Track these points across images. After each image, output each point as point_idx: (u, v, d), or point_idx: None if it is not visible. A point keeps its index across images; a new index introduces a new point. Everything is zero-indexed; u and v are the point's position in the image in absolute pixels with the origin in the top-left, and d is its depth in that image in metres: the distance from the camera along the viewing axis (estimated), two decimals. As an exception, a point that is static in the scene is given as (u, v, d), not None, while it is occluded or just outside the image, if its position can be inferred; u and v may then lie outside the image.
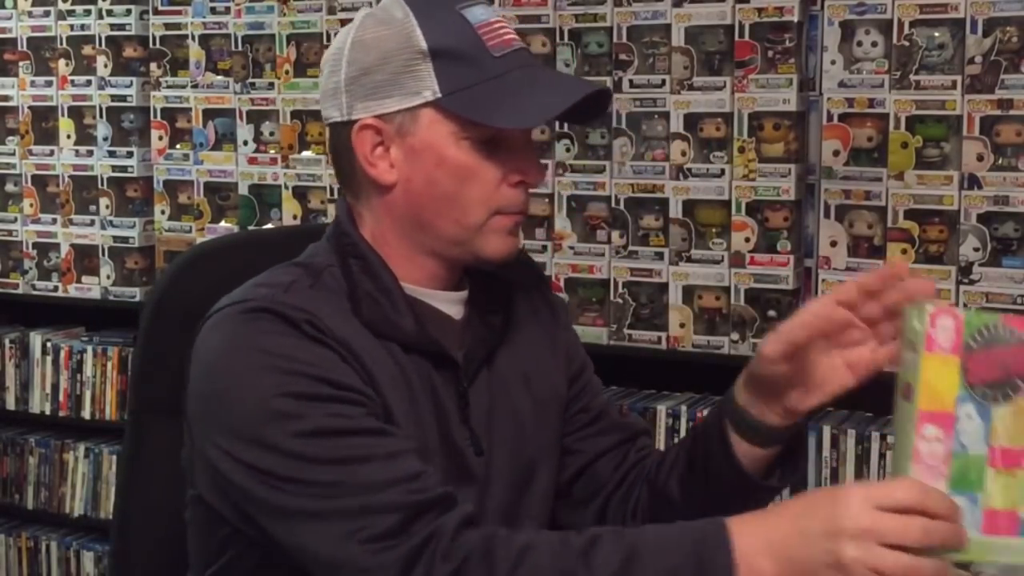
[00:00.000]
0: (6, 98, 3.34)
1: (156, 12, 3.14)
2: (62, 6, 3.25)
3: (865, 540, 0.99)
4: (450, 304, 1.29)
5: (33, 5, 3.29)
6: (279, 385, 1.13)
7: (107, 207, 3.21)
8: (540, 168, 1.27)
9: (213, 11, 3.07)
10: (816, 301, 1.19)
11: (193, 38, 3.09)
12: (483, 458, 1.27)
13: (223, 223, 3.09)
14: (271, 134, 3.03)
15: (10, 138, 3.36)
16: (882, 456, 2.47)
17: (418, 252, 1.26)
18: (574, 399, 1.43)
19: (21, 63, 3.31)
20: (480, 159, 1.21)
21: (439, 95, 1.20)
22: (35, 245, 3.32)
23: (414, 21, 1.21)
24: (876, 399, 2.58)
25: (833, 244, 2.51)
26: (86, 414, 3.25)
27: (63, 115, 3.26)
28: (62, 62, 3.25)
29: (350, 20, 1.29)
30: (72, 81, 3.24)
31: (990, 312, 1.06)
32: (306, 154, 2.97)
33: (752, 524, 1.06)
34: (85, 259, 3.25)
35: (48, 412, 3.31)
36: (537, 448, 1.35)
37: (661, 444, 2.65)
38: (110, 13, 3.19)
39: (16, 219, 3.34)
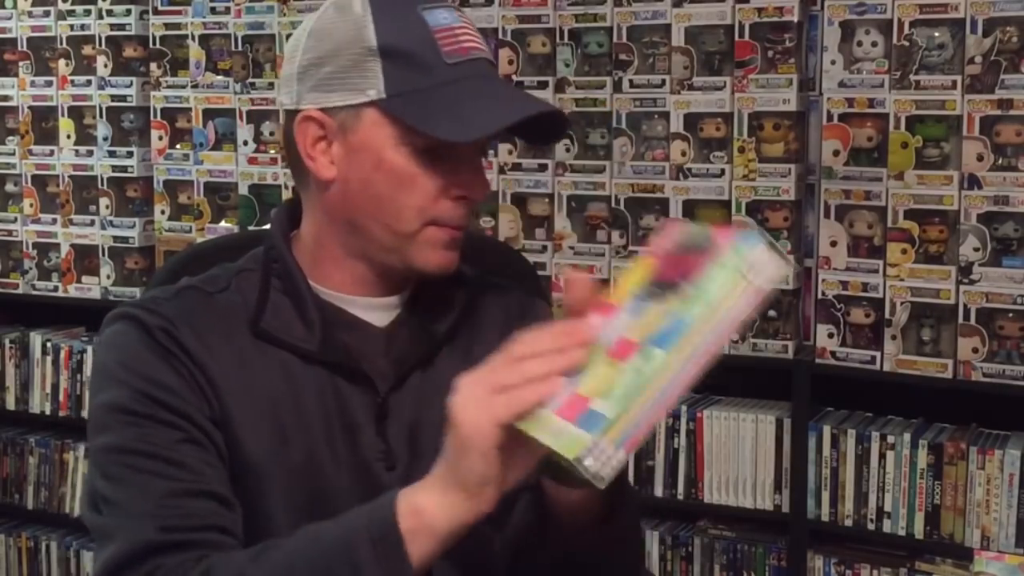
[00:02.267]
0: (6, 98, 3.34)
1: (156, 12, 3.14)
2: (62, 6, 3.25)
3: (470, 411, 0.97)
4: (372, 311, 1.24)
5: (33, 5, 3.29)
6: (107, 394, 1.15)
7: (107, 207, 3.21)
8: (484, 184, 1.22)
9: (213, 11, 3.07)
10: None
11: (193, 38, 3.09)
12: (396, 473, 1.19)
13: (223, 223, 3.09)
14: (271, 134, 3.03)
15: (10, 138, 3.36)
16: (882, 456, 2.47)
17: (349, 254, 1.22)
18: None
19: (21, 63, 3.31)
20: (419, 167, 1.17)
21: (383, 95, 1.16)
22: (35, 245, 3.32)
23: (370, 17, 1.17)
24: (876, 399, 2.60)
25: (833, 244, 2.51)
26: (86, 414, 3.24)
27: (63, 115, 3.26)
28: (62, 62, 3.25)
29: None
30: (72, 81, 3.24)
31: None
32: (306, 154, 2.96)
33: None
34: (85, 259, 3.25)
35: (48, 412, 3.31)
36: None
37: (661, 444, 2.65)
38: (110, 13, 3.19)
39: (16, 219, 3.34)
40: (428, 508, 1.00)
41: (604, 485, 0.94)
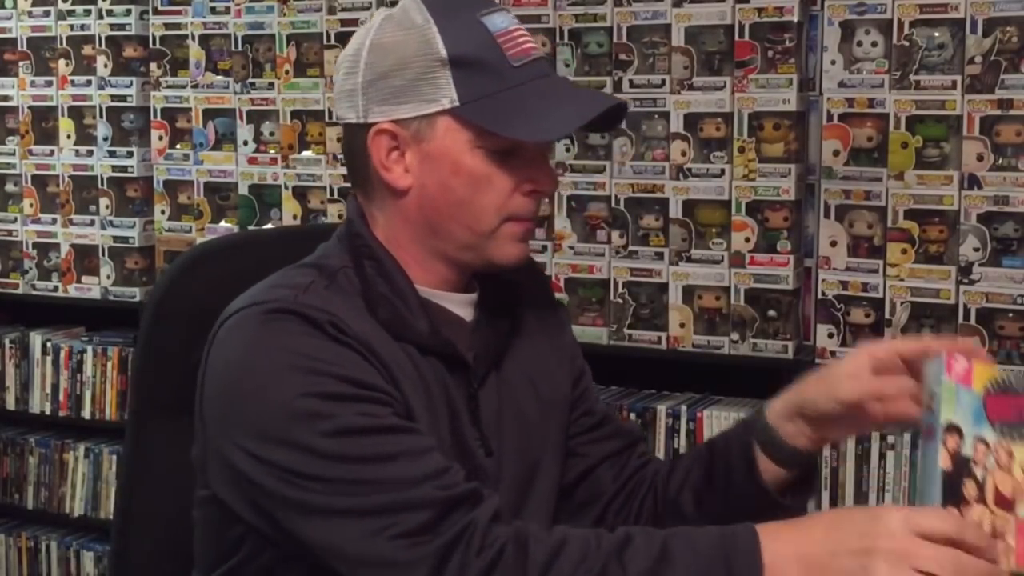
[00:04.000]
0: (6, 98, 3.34)
1: (156, 12, 3.14)
2: (62, 6, 3.25)
3: (900, 563, 0.99)
4: (461, 306, 1.30)
5: (33, 5, 3.29)
6: (305, 385, 1.13)
7: (107, 207, 3.21)
8: (553, 178, 1.28)
9: (213, 11, 3.07)
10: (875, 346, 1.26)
11: (193, 38, 3.09)
12: (493, 459, 1.28)
13: (223, 223, 3.09)
14: (271, 134, 3.03)
15: (10, 138, 3.36)
16: (882, 456, 2.47)
17: (430, 256, 1.27)
18: (577, 402, 1.43)
19: (21, 63, 3.31)
20: (494, 168, 1.22)
21: (457, 103, 1.20)
22: (35, 245, 3.32)
23: (434, 28, 1.21)
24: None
25: (833, 244, 2.51)
26: (86, 414, 3.25)
27: (63, 115, 3.26)
28: (62, 62, 3.25)
29: (350, 20, 1.30)
30: (72, 81, 3.24)
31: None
32: (306, 154, 2.97)
33: (784, 532, 1.07)
34: (85, 259, 3.25)
35: (48, 412, 3.31)
36: (542, 450, 1.35)
37: (661, 444, 2.65)
38: (110, 13, 3.19)
39: (16, 219, 3.34)
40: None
41: None
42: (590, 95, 1.30)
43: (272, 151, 3.02)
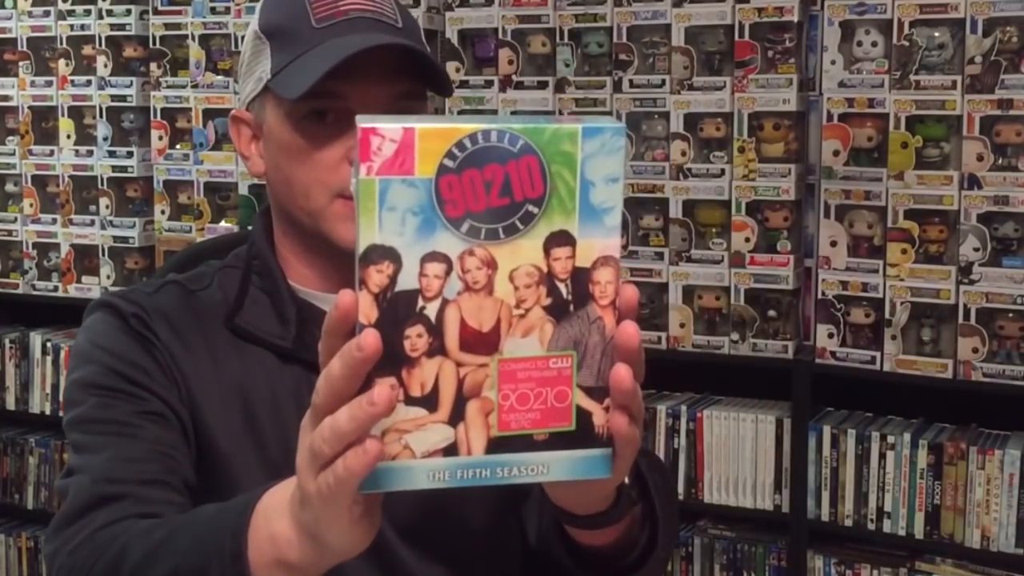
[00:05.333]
0: (6, 98, 3.34)
1: (156, 12, 3.14)
2: (62, 6, 3.24)
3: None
4: None
5: (33, 5, 3.29)
6: (78, 372, 1.16)
7: (107, 207, 3.21)
8: None
9: (213, 11, 3.07)
10: None
11: (193, 38, 3.09)
12: None
13: (223, 223, 3.09)
14: (271, 134, 3.02)
15: (10, 138, 3.36)
16: (882, 456, 2.47)
17: (301, 248, 1.20)
18: None
19: (21, 63, 3.31)
20: (306, 139, 1.12)
21: (268, 76, 1.14)
22: (35, 245, 3.32)
23: (261, 4, 1.17)
24: (876, 399, 2.60)
25: (833, 244, 2.51)
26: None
27: (63, 115, 3.26)
28: (62, 62, 3.25)
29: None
30: (72, 81, 3.24)
31: None
32: (306, 154, 2.97)
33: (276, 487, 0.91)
34: (85, 259, 3.25)
35: (48, 412, 3.31)
36: None
37: (661, 444, 2.65)
38: (110, 13, 3.19)
39: (16, 219, 3.34)
40: (284, 546, 0.86)
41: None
42: (363, 40, 1.09)
43: (272, 151, 3.01)
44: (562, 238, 0.74)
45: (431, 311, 0.73)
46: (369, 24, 1.12)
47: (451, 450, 0.75)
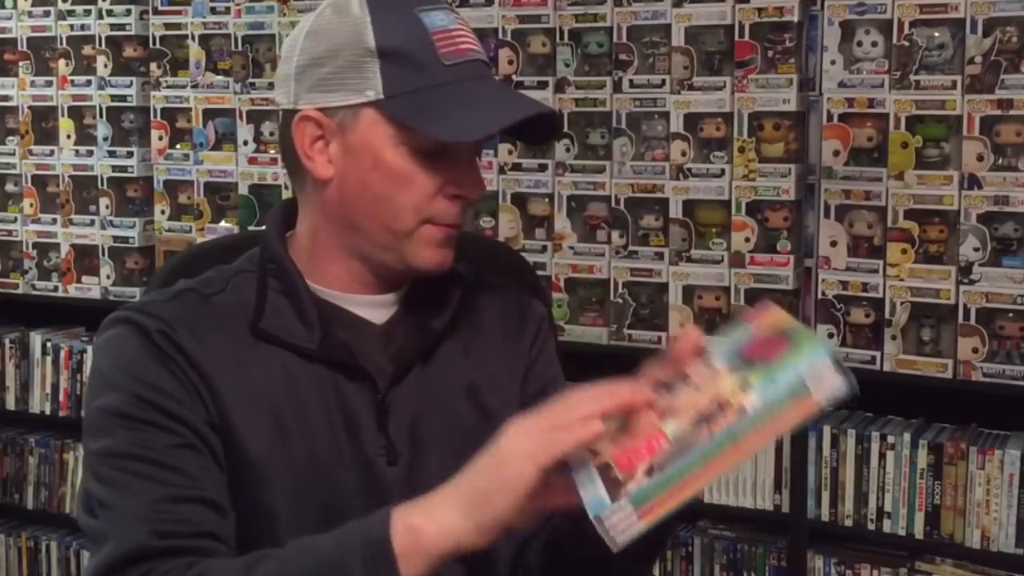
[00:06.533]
0: (6, 98, 3.34)
1: (156, 12, 3.14)
2: (62, 6, 3.25)
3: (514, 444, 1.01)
4: (370, 308, 1.25)
5: (33, 5, 3.29)
6: (104, 399, 1.15)
7: (107, 207, 3.21)
8: (479, 182, 1.23)
9: (213, 11, 3.07)
10: None
11: (193, 38, 3.09)
12: (397, 468, 1.21)
13: (223, 223, 3.09)
14: (271, 134, 3.03)
15: (10, 138, 3.36)
16: (882, 456, 2.47)
17: (347, 253, 1.23)
18: None
19: (21, 63, 3.31)
20: (416, 167, 1.19)
21: (381, 96, 1.17)
22: (35, 245, 3.32)
23: (368, 18, 1.18)
24: (876, 399, 2.60)
25: (833, 244, 2.51)
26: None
27: (63, 115, 3.26)
28: (62, 62, 3.25)
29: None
30: (72, 81, 3.24)
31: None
32: (306, 154, 2.96)
33: (420, 501, 1.04)
34: (85, 259, 3.25)
35: (48, 412, 3.31)
36: None
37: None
38: (110, 13, 3.19)
39: (16, 219, 3.34)
40: (427, 531, 1.01)
41: (616, 550, 0.96)
42: (519, 99, 1.24)
43: (272, 151, 3.01)
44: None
45: (682, 387, 1.07)
46: (481, 69, 1.22)
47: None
